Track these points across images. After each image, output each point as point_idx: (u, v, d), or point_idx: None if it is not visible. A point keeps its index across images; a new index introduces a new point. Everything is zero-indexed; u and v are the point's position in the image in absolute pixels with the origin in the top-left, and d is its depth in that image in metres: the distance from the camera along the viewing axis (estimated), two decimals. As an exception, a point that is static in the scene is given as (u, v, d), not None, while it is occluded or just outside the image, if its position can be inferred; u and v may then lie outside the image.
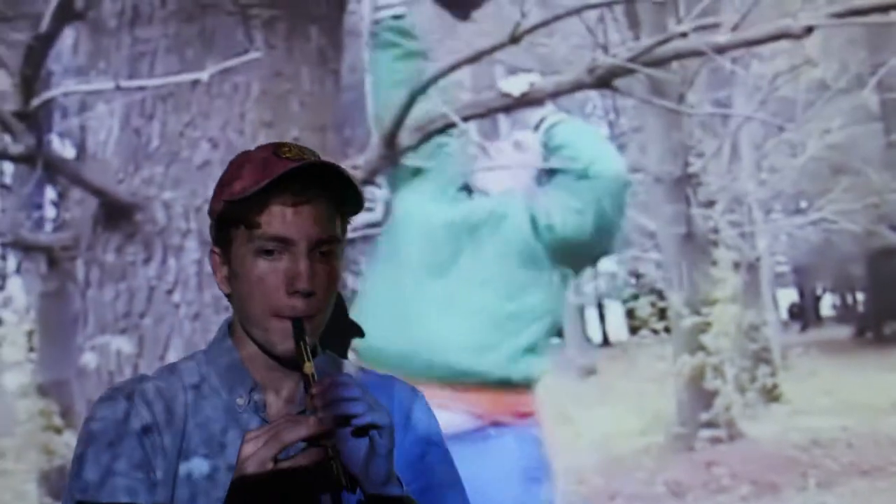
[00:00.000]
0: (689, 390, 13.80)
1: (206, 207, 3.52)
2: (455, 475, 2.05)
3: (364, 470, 1.75)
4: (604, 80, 4.43)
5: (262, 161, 1.87)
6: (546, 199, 4.40)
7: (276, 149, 1.89)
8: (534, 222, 4.36)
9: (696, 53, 4.46)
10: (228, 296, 1.97)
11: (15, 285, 12.58)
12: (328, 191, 1.87)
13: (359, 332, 3.43)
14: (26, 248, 4.49)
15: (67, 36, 4.93)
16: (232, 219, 1.89)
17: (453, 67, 4.31)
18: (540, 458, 4.37)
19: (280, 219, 1.84)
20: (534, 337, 4.35)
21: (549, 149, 4.49)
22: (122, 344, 3.90)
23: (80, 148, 4.35)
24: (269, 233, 1.84)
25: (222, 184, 1.93)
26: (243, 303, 1.90)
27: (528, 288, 4.37)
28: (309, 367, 1.79)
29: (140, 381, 1.96)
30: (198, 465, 1.87)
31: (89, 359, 3.98)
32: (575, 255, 4.53)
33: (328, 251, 1.88)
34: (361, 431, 1.74)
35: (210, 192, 1.97)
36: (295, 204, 1.84)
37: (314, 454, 1.70)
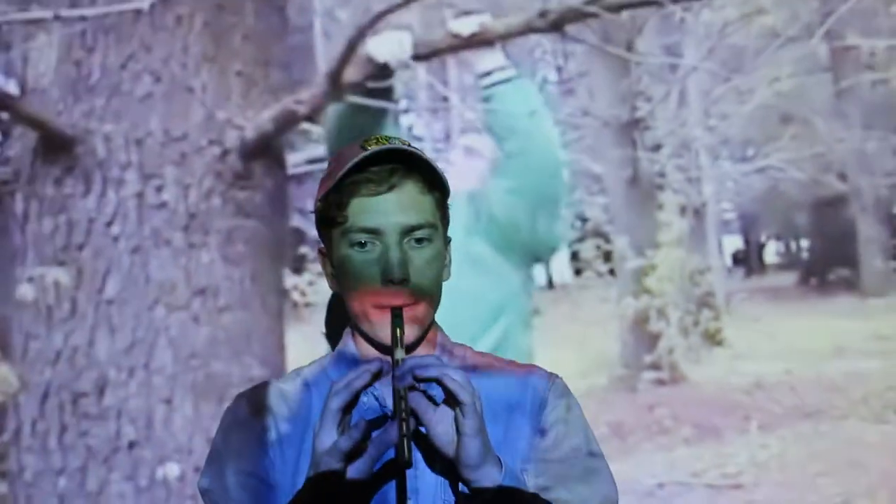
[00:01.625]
0: (632, 333, 13.90)
1: (148, 140, 3.46)
2: (594, 466, 1.98)
3: (456, 453, 1.73)
4: (555, 24, 4.40)
5: (346, 155, 1.85)
6: (487, 189, 4.32)
7: (363, 142, 1.86)
8: (477, 218, 4.27)
9: (649, 3, 4.44)
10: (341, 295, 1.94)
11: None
12: (415, 176, 1.85)
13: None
14: (-33, 183, 4.43)
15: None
16: (324, 217, 1.88)
17: (399, 5, 4.28)
18: None
19: (365, 210, 1.83)
20: (493, 342, 4.22)
21: (486, 110, 4.38)
22: (60, 275, 3.87)
23: (22, 81, 4.29)
24: (356, 225, 1.83)
25: (320, 182, 1.92)
26: (347, 299, 1.90)
27: (486, 293, 4.27)
28: (399, 353, 1.77)
29: (265, 387, 1.97)
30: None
31: (26, 290, 3.95)
32: (519, 242, 4.39)
33: (423, 237, 1.85)
34: (445, 410, 1.73)
35: (151, 125, 1.95)
36: (378, 192, 1.82)
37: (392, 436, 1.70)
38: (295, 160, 5.62)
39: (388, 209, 1.83)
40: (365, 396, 1.81)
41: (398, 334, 1.80)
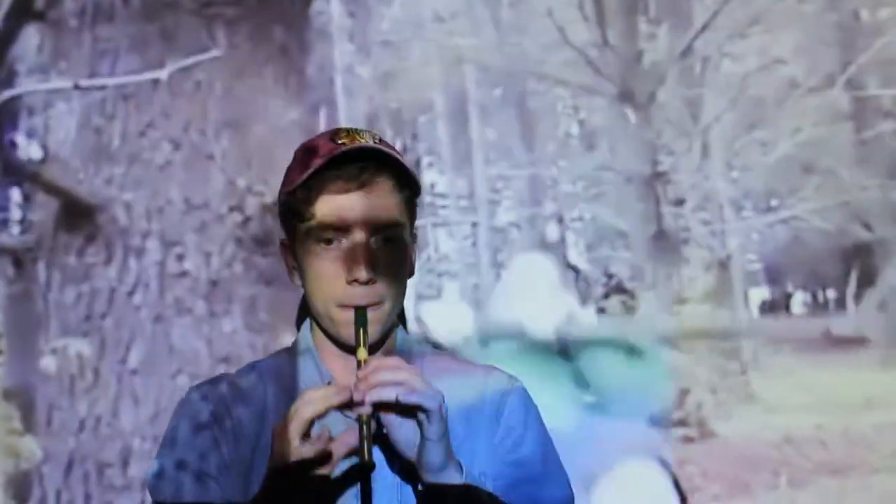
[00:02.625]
0: (660, 389, 13.84)
1: (168, 208, 3.46)
2: (553, 467, 1.99)
3: (419, 457, 1.72)
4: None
5: (317, 149, 1.84)
6: None
7: (333, 135, 1.86)
8: None
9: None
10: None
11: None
12: (386, 174, 1.83)
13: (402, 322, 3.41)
14: (-8, 251, 4.45)
15: (32, 36, 4.89)
16: (291, 211, 1.88)
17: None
18: None
19: (334, 207, 1.81)
20: None
21: None
22: (83, 347, 3.86)
23: (45, 147, 4.31)
24: (324, 222, 1.82)
25: (284, 175, 1.93)
26: (309, 295, 1.88)
27: None
28: (362, 353, 1.76)
29: (218, 380, 1.97)
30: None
31: (49, 362, 3.95)
32: None
33: (391, 236, 1.84)
34: (408, 413, 1.70)
35: (171, 194, 1.96)
36: (348, 190, 1.81)
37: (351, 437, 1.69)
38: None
39: (357, 207, 1.80)
40: None
41: (362, 334, 1.78)
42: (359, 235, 1.81)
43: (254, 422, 1.88)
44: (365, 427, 1.67)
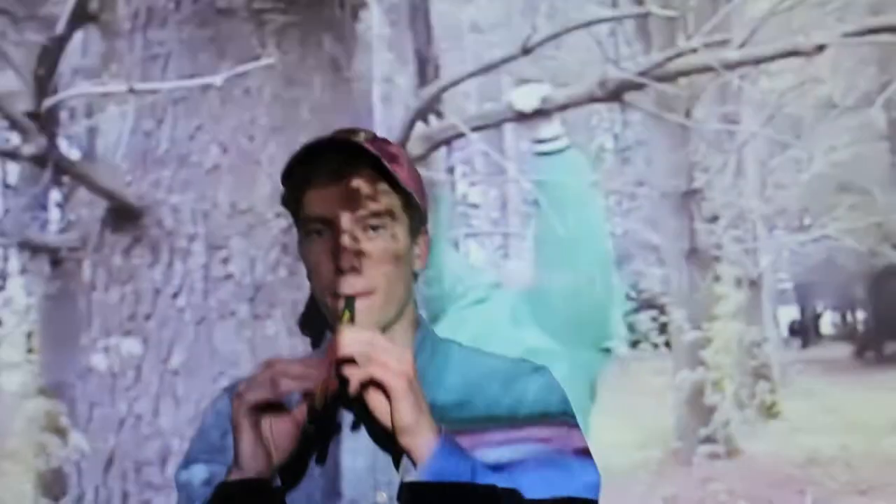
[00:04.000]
0: (687, 405, 13.81)
1: (213, 212, 3.51)
2: (579, 451, 1.99)
3: (391, 420, 1.74)
4: (615, 94, 4.42)
5: (307, 148, 1.90)
6: (539, 286, 4.28)
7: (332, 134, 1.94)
8: (535, 314, 4.23)
9: (706, 69, 4.45)
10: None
11: (14, 286, 12.58)
12: (369, 164, 1.89)
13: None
14: (33, 249, 4.49)
15: (75, 37, 4.94)
16: (290, 207, 1.99)
17: (462, 79, 4.32)
18: None
19: (318, 199, 1.90)
20: None
21: (537, 180, 4.32)
22: (133, 346, 3.90)
23: (88, 150, 4.35)
24: (311, 215, 1.90)
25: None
26: (311, 286, 1.96)
27: None
28: (336, 339, 1.79)
29: None
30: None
31: (98, 360, 3.99)
32: (579, 336, 4.30)
33: (377, 225, 1.90)
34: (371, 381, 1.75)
35: (218, 197, 2.03)
36: (330, 183, 1.89)
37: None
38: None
39: (338, 198, 1.88)
40: None
41: (346, 318, 1.84)
42: (343, 225, 1.87)
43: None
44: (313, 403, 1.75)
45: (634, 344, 17.83)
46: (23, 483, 9.78)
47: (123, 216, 4.00)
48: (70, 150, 5.48)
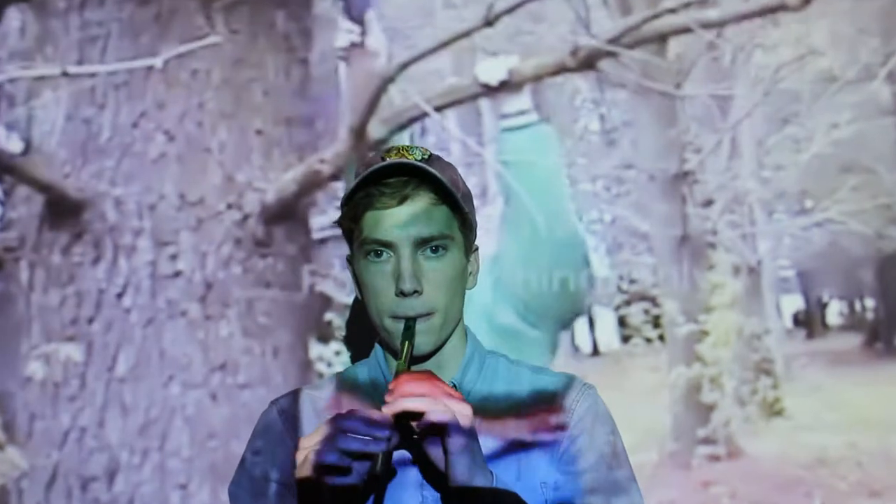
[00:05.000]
0: (684, 404, 13.79)
1: (161, 204, 3.49)
2: (622, 477, 2.14)
3: (449, 472, 1.84)
4: (586, 62, 4.42)
5: (366, 167, 1.99)
6: (502, 254, 4.33)
7: (385, 152, 2.04)
8: (497, 285, 4.28)
9: (684, 30, 4.43)
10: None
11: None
12: (429, 186, 2.00)
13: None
14: (-34, 250, 4.45)
15: (14, 18, 4.90)
16: (344, 229, 2.08)
17: (424, 54, 4.30)
18: None
19: (378, 222, 2.00)
20: None
21: (502, 154, 4.36)
22: (72, 352, 3.88)
23: (27, 139, 4.31)
24: (370, 237, 2.02)
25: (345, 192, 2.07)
26: (367, 307, 2.07)
27: None
28: (401, 365, 1.92)
29: (298, 393, 2.20)
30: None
31: (35, 368, 3.96)
32: (540, 308, 4.36)
33: (439, 247, 2.02)
34: (426, 431, 1.84)
35: (165, 188, 2.05)
36: (390, 206, 1.99)
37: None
38: (321, 223, 5.65)
39: (400, 221, 1.99)
40: None
41: (406, 347, 1.96)
42: (404, 249, 1.98)
43: None
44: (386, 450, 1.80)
45: (626, 338, 17.88)
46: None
47: (63, 211, 3.98)
48: (10, 141, 5.45)
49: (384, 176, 1.99)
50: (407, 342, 1.97)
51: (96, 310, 3.92)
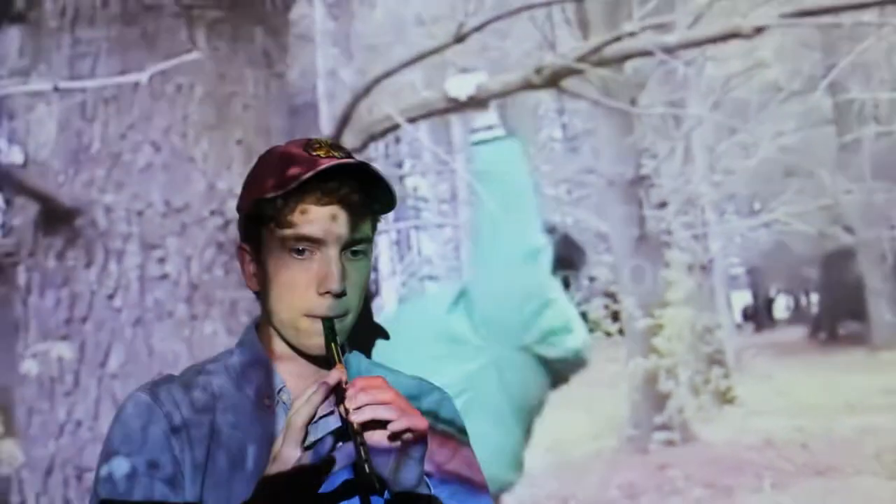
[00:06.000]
0: (642, 393, 13.83)
1: (148, 211, 3.44)
2: (478, 481, 2.03)
3: (394, 474, 1.75)
4: (551, 80, 4.41)
5: (293, 158, 1.85)
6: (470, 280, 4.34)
7: (306, 145, 1.87)
8: (467, 310, 4.29)
9: (645, 53, 4.44)
10: (256, 293, 1.94)
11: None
12: (360, 189, 1.85)
13: (384, 335, 3.43)
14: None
15: (14, 38, 4.88)
16: (261, 217, 1.86)
17: (396, 69, 4.29)
18: None
19: (311, 219, 1.83)
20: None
21: (472, 168, 4.36)
22: (64, 350, 3.85)
23: (24, 151, 4.30)
24: (300, 233, 1.82)
25: (251, 180, 1.92)
26: (274, 302, 1.88)
27: (458, 366, 4.23)
28: (340, 367, 1.78)
29: (168, 381, 1.95)
30: (220, 462, 1.87)
31: (30, 366, 3.93)
32: (505, 332, 4.34)
33: (360, 251, 1.88)
34: (395, 436, 1.72)
35: (152, 196, 1.96)
36: (326, 203, 1.83)
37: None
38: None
39: (333, 221, 1.83)
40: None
41: (335, 348, 1.82)
42: (333, 249, 1.83)
43: (204, 423, 1.89)
44: (362, 448, 1.69)
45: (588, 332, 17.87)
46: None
47: (57, 218, 3.95)
48: (12, 153, 5.41)
49: (322, 172, 1.82)
50: (334, 344, 1.83)
51: (89, 310, 3.88)
